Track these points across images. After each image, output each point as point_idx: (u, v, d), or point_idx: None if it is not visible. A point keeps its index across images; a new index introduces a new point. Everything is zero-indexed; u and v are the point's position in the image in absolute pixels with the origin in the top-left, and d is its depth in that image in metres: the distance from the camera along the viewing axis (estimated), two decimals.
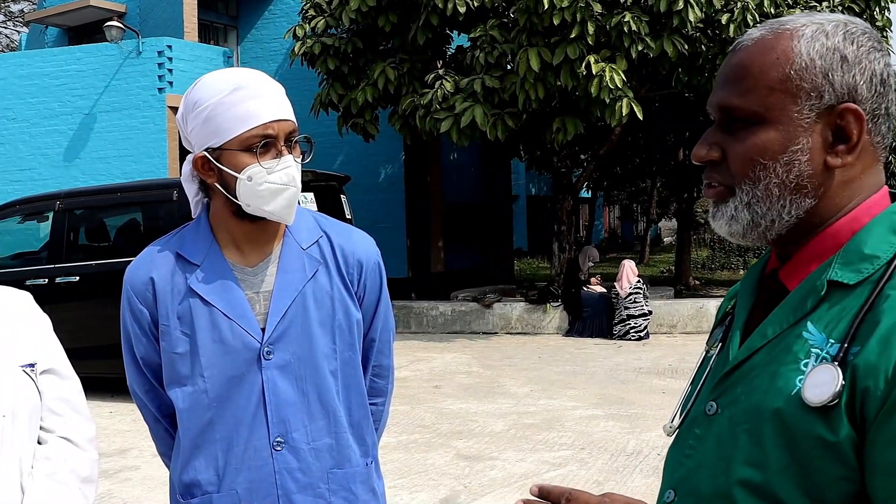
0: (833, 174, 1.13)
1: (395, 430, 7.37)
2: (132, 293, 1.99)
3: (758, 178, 1.13)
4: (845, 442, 1.01)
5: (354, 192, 13.41)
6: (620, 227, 42.55)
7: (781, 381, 1.08)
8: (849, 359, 1.03)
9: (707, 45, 12.14)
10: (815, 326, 1.09)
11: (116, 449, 7.04)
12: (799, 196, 1.13)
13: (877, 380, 1.00)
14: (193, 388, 1.94)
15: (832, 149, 1.12)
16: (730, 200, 1.17)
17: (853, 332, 1.04)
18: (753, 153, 1.13)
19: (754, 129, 1.13)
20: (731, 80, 1.16)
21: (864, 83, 1.11)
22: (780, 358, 1.10)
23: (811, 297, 1.11)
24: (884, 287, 1.05)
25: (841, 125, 1.11)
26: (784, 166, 1.12)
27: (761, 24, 1.19)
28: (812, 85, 1.10)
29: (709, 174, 1.20)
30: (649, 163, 21.01)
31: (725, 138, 1.17)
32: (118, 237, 9.56)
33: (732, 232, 1.19)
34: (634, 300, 12.71)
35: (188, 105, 1.91)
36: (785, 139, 1.11)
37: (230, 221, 1.97)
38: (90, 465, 1.87)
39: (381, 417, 2.23)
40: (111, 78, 16.50)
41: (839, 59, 1.10)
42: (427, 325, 14.18)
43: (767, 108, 1.12)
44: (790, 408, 1.05)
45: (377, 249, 2.13)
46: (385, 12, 12.65)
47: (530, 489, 1.19)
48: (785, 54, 1.11)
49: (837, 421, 1.02)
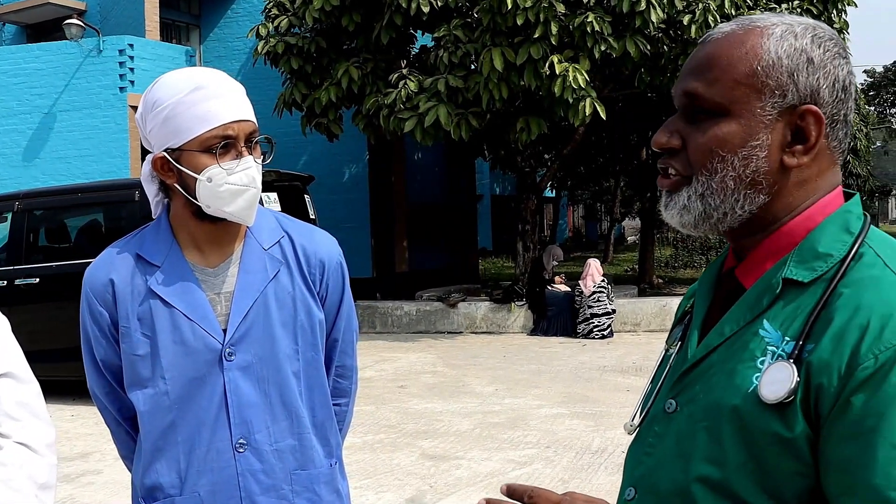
0: (788, 173, 1.14)
1: (360, 430, 7.35)
2: (91, 295, 1.97)
3: (715, 169, 1.14)
4: (801, 438, 1.03)
5: (318, 191, 13.34)
6: (584, 227, 42.77)
7: (739, 378, 1.09)
8: (803, 356, 1.04)
9: (669, 45, 12.25)
10: (770, 324, 1.10)
11: (78, 453, 6.96)
12: (753, 191, 1.14)
13: (830, 377, 1.01)
14: (154, 391, 1.93)
15: (790, 148, 1.13)
16: (683, 190, 1.18)
17: (808, 330, 1.05)
18: (714, 144, 1.14)
19: (717, 120, 1.14)
20: (698, 69, 1.16)
21: (826, 87, 1.12)
22: (738, 355, 1.11)
23: (767, 295, 1.13)
24: (837, 285, 1.07)
25: (801, 126, 1.12)
26: (742, 160, 1.13)
27: (730, 21, 1.20)
28: (777, 83, 1.11)
29: (666, 161, 1.20)
30: (613, 162, 21.15)
31: (687, 127, 1.18)
32: (79, 238, 9.45)
33: (684, 222, 1.19)
34: (598, 299, 12.78)
35: (147, 105, 1.89)
36: (745, 133, 1.12)
37: (190, 222, 1.96)
38: (48, 471, 1.84)
39: (344, 418, 2.23)
40: (71, 76, 16.30)
41: (805, 61, 1.12)
42: (392, 325, 14.16)
43: (732, 100, 1.13)
44: (747, 405, 1.07)
45: (339, 249, 2.13)
46: (349, 12, 12.61)
47: (500, 488, 1.19)
48: (754, 50, 1.13)
49: (793, 417, 1.03)
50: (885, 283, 1.05)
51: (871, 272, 1.07)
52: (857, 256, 1.10)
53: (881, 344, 0.99)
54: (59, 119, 16.38)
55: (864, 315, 1.02)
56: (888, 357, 0.98)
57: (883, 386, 0.98)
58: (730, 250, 1.26)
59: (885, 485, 0.96)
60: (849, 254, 1.10)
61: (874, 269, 1.07)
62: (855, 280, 1.07)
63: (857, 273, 1.08)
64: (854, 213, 1.15)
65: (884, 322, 1.00)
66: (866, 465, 0.98)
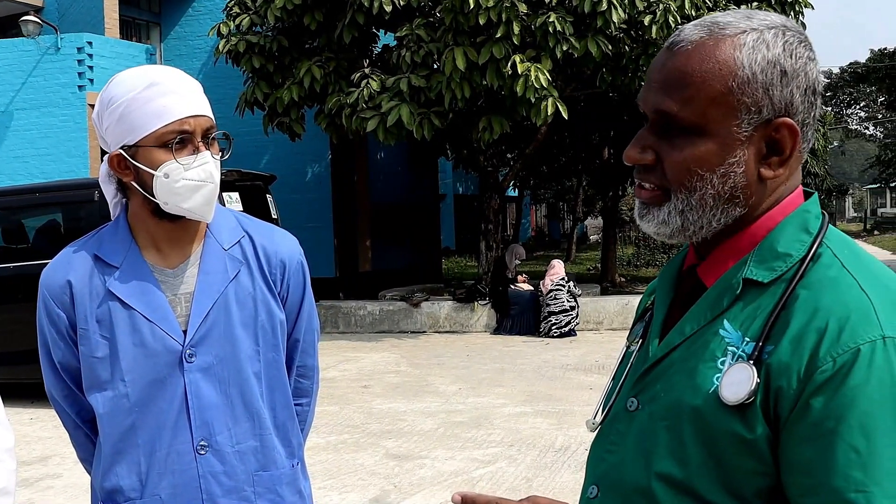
0: (765, 184, 1.14)
1: (323, 430, 7.33)
2: (49, 296, 1.94)
3: (694, 188, 1.13)
4: (761, 439, 1.04)
5: (281, 191, 13.25)
6: (547, 226, 42.95)
7: (699, 378, 1.10)
8: (763, 357, 1.05)
9: (630, 45, 12.33)
10: (731, 324, 1.11)
11: (37, 456, 6.87)
12: (730, 206, 1.14)
13: (790, 380, 1.02)
14: (114, 393, 1.90)
15: (766, 160, 1.13)
16: (664, 206, 1.17)
17: (767, 332, 1.06)
18: (691, 163, 1.12)
19: (693, 139, 1.12)
20: (671, 86, 1.13)
21: (799, 96, 1.11)
22: (699, 355, 1.12)
23: (727, 295, 1.14)
24: (796, 286, 1.08)
25: (776, 138, 1.11)
26: (721, 178, 1.12)
27: (697, 23, 1.16)
28: (753, 100, 1.10)
29: (642, 176, 1.19)
30: (575, 162, 21.25)
31: (660, 143, 1.16)
32: (37, 238, 9.30)
33: (659, 233, 1.19)
34: (555, 297, 12.83)
35: (103, 103, 1.87)
36: (723, 151, 1.11)
37: (149, 221, 1.94)
38: (7, 476, 1.82)
39: (306, 418, 2.22)
40: (28, 74, 16.07)
41: (779, 74, 1.10)
42: (355, 324, 14.13)
43: (708, 120, 1.11)
44: (708, 406, 1.07)
45: (300, 249, 2.12)
46: (311, 10, 12.55)
47: (452, 497, 1.18)
48: (727, 66, 1.10)
49: (753, 418, 1.04)
50: (842, 284, 1.06)
51: (828, 273, 1.08)
52: (815, 257, 1.11)
53: (839, 347, 1.00)
54: (17, 117, 16.14)
55: (823, 318, 1.03)
56: (846, 360, 0.99)
57: (841, 389, 0.99)
58: (690, 248, 1.27)
59: (845, 486, 0.97)
60: (808, 254, 1.11)
61: (832, 271, 1.08)
62: (813, 281, 1.08)
63: (815, 274, 1.09)
64: (812, 213, 1.16)
65: (841, 325, 1.01)
66: (826, 467, 0.98)
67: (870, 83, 43.59)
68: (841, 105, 51.50)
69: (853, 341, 1.00)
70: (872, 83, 43.00)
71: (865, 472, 0.97)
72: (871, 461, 0.97)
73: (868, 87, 45.77)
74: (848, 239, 1.15)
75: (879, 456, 0.97)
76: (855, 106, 52.94)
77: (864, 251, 1.13)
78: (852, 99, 51.36)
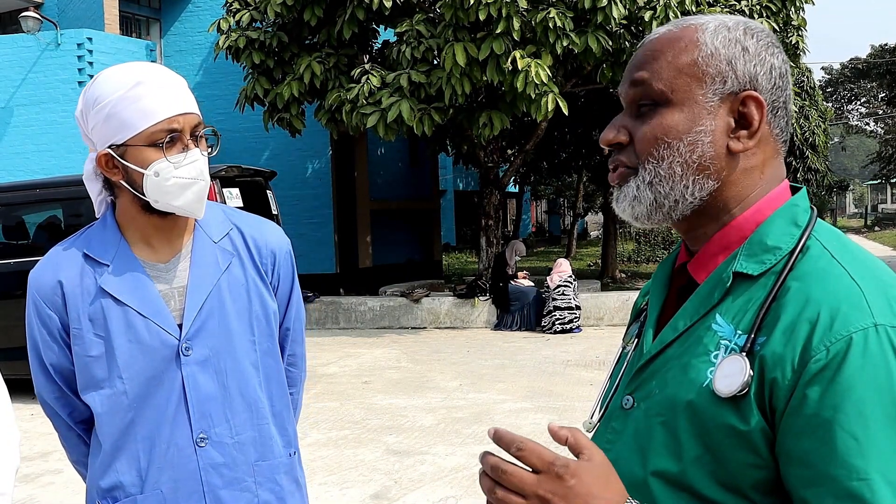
0: (736, 159, 1.17)
1: (324, 426, 7.34)
2: (39, 298, 1.93)
3: (662, 156, 1.16)
4: (756, 431, 1.04)
5: (281, 187, 13.29)
6: (547, 222, 42.96)
7: (693, 372, 1.11)
8: (756, 349, 1.06)
9: (630, 41, 12.32)
10: (723, 318, 1.12)
11: (38, 452, 6.88)
12: (702, 176, 1.16)
13: (784, 371, 1.03)
14: (112, 391, 1.90)
15: (734, 133, 1.16)
16: (631, 180, 1.20)
17: (759, 323, 1.07)
18: (659, 132, 1.16)
19: (660, 110, 1.17)
20: (641, 63, 1.20)
21: (763, 74, 1.16)
22: (692, 350, 1.13)
23: (718, 289, 1.15)
24: (786, 278, 1.09)
25: (743, 111, 1.15)
26: (688, 146, 1.15)
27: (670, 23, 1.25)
28: (717, 70, 1.15)
29: (615, 158, 1.22)
30: (575, 157, 21.22)
31: (633, 122, 1.20)
32: (38, 235, 9.32)
33: (637, 214, 1.21)
34: (563, 293, 12.85)
35: (88, 102, 1.86)
36: (690, 120, 1.15)
37: (139, 217, 1.94)
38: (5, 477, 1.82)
39: (296, 406, 2.24)
40: (28, 70, 16.05)
41: (741, 50, 1.16)
42: (355, 320, 14.13)
43: (674, 89, 1.16)
44: (702, 399, 1.08)
45: (287, 239, 2.14)
46: (311, 6, 12.55)
47: (488, 431, 1.19)
48: (692, 42, 1.17)
49: (748, 410, 1.05)
50: (832, 275, 1.07)
51: (818, 264, 1.09)
52: (804, 249, 1.12)
53: (832, 336, 1.01)
54: (17, 114, 16.13)
55: (814, 308, 1.04)
56: (839, 348, 1.00)
57: (837, 377, 0.99)
58: (682, 246, 1.28)
59: (846, 475, 0.98)
60: (797, 247, 1.12)
61: (821, 262, 1.09)
62: (803, 273, 1.09)
63: (805, 266, 1.10)
64: (801, 207, 1.18)
65: (833, 314, 1.02)
66: (826, 456, 0.99)
67: (870, 79, 43.61)
68: (841, 101, 51.52)
69: (845, 329, 1.01)
70: (873, 79, 43.04)
71: (865, 460, 0.97)
72: (869, 448, 0.97)
73: (869, 82, 45.80)
74: (836, 231, 1.17)
75: (878, 443, 0.97)
76: (856, 102, 53.00)
77: (852, 242, 1.15)
78: (853, 95, 51.40)
